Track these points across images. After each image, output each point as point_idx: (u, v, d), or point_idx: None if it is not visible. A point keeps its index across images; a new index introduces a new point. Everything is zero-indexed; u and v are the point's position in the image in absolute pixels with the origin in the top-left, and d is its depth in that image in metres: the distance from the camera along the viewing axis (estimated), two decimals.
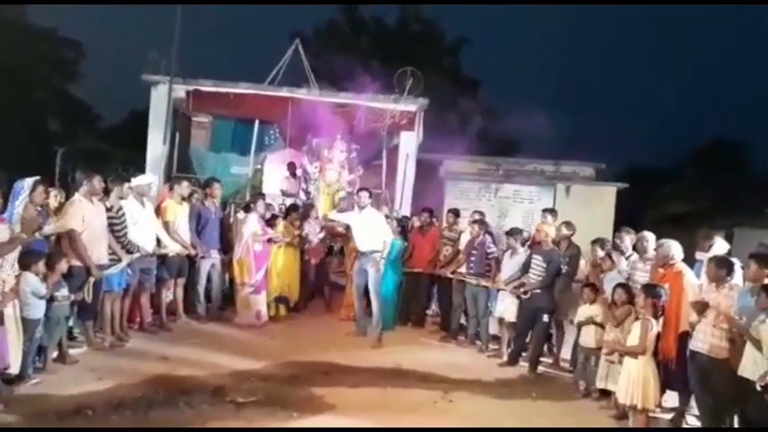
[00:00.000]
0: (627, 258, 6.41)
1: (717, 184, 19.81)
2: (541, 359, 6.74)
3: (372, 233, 7.31)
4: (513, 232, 7.27)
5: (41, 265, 5.00)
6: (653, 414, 4.95)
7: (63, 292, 5.27)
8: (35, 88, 21.15)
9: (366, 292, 7.37)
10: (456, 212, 8.63)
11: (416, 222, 8.78)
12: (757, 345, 4.40)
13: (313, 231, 8.76)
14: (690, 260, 5.87)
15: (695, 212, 18.25)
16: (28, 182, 5.18)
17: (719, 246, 6.00)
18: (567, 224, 7.15)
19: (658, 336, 4.97)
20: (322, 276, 9.00)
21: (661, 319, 5.04)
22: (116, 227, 6.09)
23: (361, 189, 7.82)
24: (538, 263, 6.57)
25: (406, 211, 10.88)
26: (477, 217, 7.91)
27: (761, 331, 4.44)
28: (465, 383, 5.93)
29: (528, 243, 7.32)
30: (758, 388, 4.33)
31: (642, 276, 5.86)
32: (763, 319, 4.46)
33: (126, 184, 6.34)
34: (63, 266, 5.28)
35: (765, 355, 4.33)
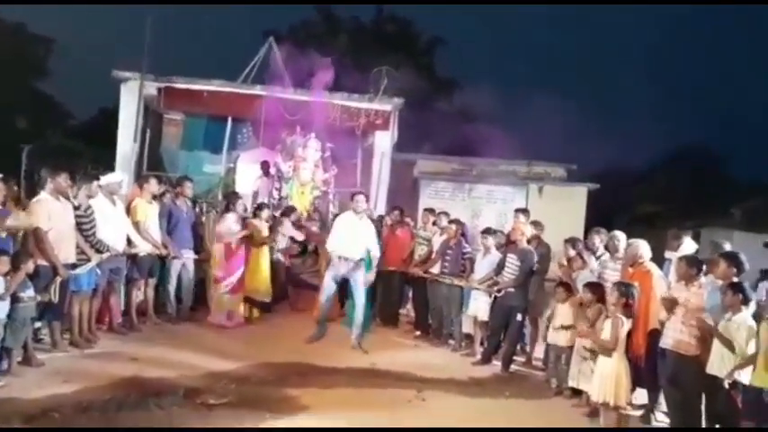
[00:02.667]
0: (597, 258, 6.51)
1: (685, 185, 20.24)
2: (514, 358, 6.79)
3: (362, 240, 7.04)
4: (487, 232, 7.33)
5: (4, 265, 4.86)
6: (624, 411, 5.01)
7: (29, 292, 5.12)
8: (2, 85, 20.63)
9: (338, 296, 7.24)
10: (432, 212, 8.65)
11: (388, 221, 8.78)
12: (726, 343, 4.50)
13: (291, 232, 8.73)
14: (659, 259, 5.99)
15: (664, 213, 18.61)
16: None
17: (688, 245, 6.12)
18: (536, 223, 7.27)
19: (629, 333, 5.04)
20: (290, 277, 8.93)
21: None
22: (85, 226, 5.95)
23: (357, 192, 7.49)
24: (512, 261, 6.62)
25: (380, 210, 10.88)
26: (444, 218, 7.95)
27: (728, 328, 4.55)
28: (438, 382, 5.95)
29: (503, 244, 7.36)
30: (726, 385, 4.43)
31: (613, 275, 5.94)
32: (729, 317, 4.57)
33: (95, 183, 6.20)
34: (29, 266, 5.14)
35: (738, 352, 4.43)
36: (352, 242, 7.00)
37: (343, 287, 7.54)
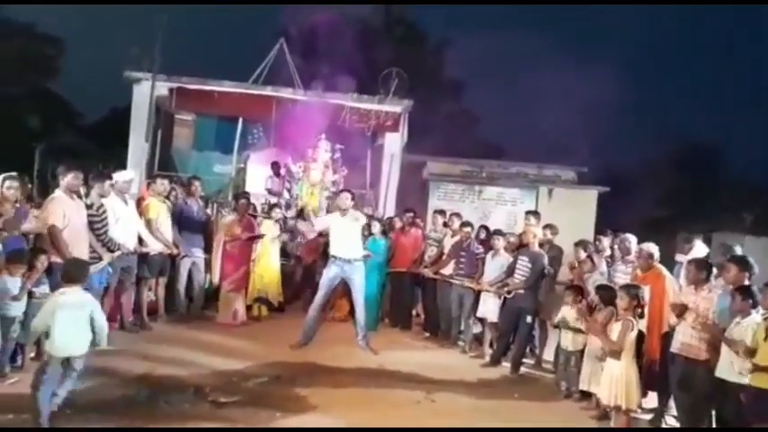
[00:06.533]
0: (607, 260, 6.50)
1: (696, 189, 20.13)
2: (524, 360, 6.78)
3: (354, 239, 6.96)
4: (496, 233, 7.32)
5: (21, 269, 4.90)
6: (634, 415, 5.00)
7: (43, 288, 5.16)
8: (13, 85, 20.83)
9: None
10: (442, 213, 8.66)
11: (398, 223, 8.77)
12: (733, 348, 4.48)
13: (308, 230, 8.76)
14: (669, 263, 5.97)
15: (674, 217, 18.52)
16: None
17: (699, 249, 6.11)
18: (550, 227, 7.26)
19: (642, 336, 5.03)
20: (308, 277, 8.95)
21: (645, 320, 5.10)
22: (97, 225, 5.99)
23: (342, 191, 7.43)
24: (523, 263, 6.61)
25: (390, 211, 10.91)
26: (456, 220, 7.96)
27: (736, 332, 4.52)
28: (448, 384, 5.95)
29: (517, 247, 7.33)
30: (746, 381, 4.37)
31: (622, 278, 5.93)
32: (738, 321, 4.55)
33: (107, 182, 6.24)
34: (42, 264, 5.19)
35: (741, 355, 4.41)
36: (345, 242, 6.87)
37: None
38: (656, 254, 5.63)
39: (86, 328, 4.24)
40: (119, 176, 6.61)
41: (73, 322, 4.17)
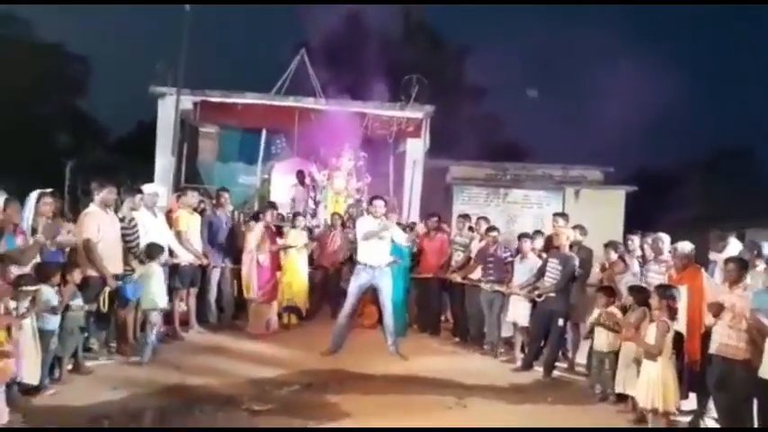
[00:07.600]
0: (639, 260, 6.39)
1: (725, 189, 19.76)
2: (556, 364, 6.69)
3: (386, 246, 6.92)
4: (524, 236, 7.25)
5: (57, 277, 5.01)
6: (673, 417, 4.89)
7: (77, 302, 5.27)
8: (43, 103, 21.39)
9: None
10: (467, 218, 8.61)
11: (422, 228, 8.75)
12: None
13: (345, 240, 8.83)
14: (703, 262, 5.85)
15: (705, 216, 18.17)
16: (33, 194, 5.22)
17: (733, 246, 5.98)
18: (580, 228, 7.17)
19: (682, 337, 4.92)
20: (332, 285, 8.97)
21: (683, 320, 4.99)
22: (129, 237, 6.12)
23: (375, 197, 7.22)
24: (554, 266, 6.52)
25: (414, 217, 10.90)
26: (483, 224, 7.91)
27: None
28: (479, 389, 5.89)
29: (543, 249, 7.25)
30: None
31: (655, 278, 5.83)
32: None
33: (138, 196, 6.38)
34: (76, 277, 5.29)
35: None
36: (373, 249, 6.82)
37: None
38: (692, 252, 5.52)
39: (161, 288, 6.24)
40: (145, 189, 6.75)
41: (153, 284, 6.08)
